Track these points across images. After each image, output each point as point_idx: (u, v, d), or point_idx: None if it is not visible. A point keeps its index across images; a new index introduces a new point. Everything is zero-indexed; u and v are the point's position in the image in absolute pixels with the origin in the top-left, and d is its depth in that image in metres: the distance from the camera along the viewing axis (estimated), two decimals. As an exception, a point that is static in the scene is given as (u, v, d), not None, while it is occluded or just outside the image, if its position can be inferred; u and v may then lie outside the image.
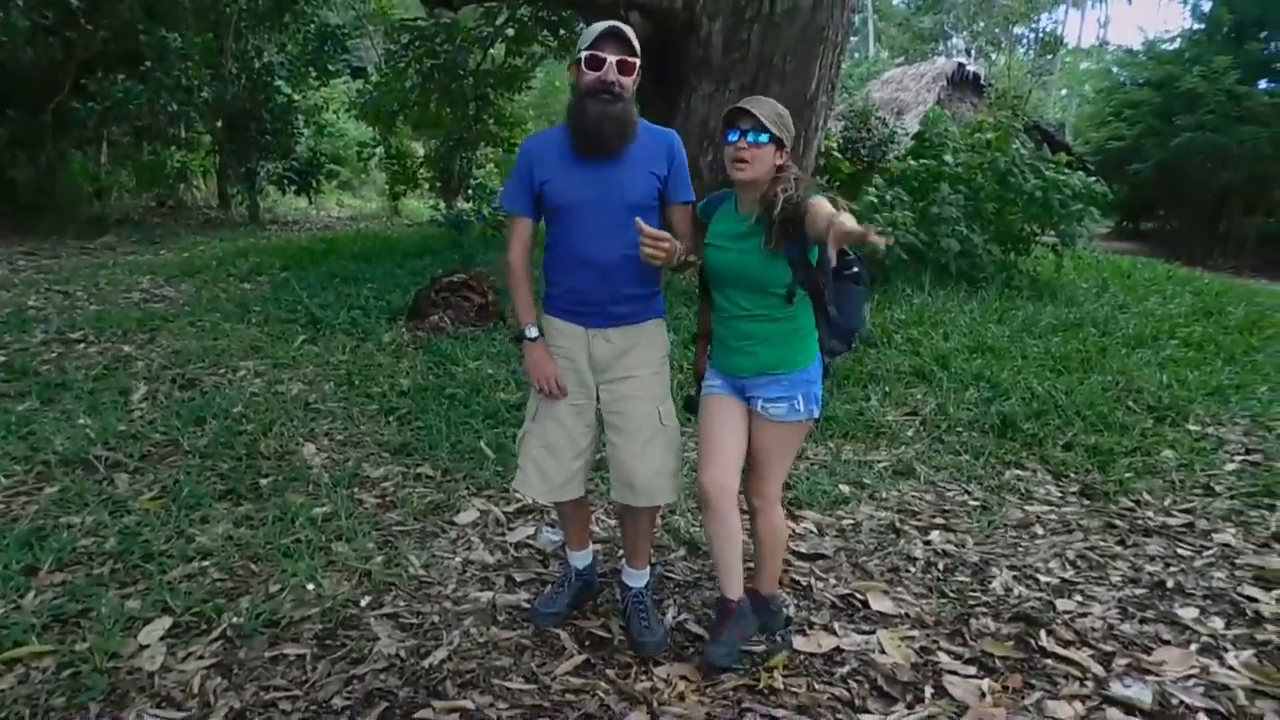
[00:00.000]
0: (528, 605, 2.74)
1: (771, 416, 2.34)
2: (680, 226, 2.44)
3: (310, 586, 2.79)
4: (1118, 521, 3.48)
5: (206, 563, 2.91)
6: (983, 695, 2.31)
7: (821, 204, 2.07)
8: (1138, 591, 2.92)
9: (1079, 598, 2.86)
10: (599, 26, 2.25)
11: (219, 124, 13.79)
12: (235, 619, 2.58)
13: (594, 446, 2.52)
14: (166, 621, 2.55)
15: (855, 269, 2.38)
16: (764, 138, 2.20)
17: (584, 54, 2.24)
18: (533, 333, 2.43)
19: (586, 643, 2.58)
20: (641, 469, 2.42)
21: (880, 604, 2.80)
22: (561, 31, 11.14)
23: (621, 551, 3.04)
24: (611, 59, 2.22)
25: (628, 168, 2.32)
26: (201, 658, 2.41)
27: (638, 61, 2.27)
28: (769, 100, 2.28)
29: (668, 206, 2.43)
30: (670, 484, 2.46)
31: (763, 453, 2.40)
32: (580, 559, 2.75)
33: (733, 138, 2.23)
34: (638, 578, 2.65)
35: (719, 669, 2.39)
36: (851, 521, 3.44)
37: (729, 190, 2.42)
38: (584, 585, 2.76)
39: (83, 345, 5.33)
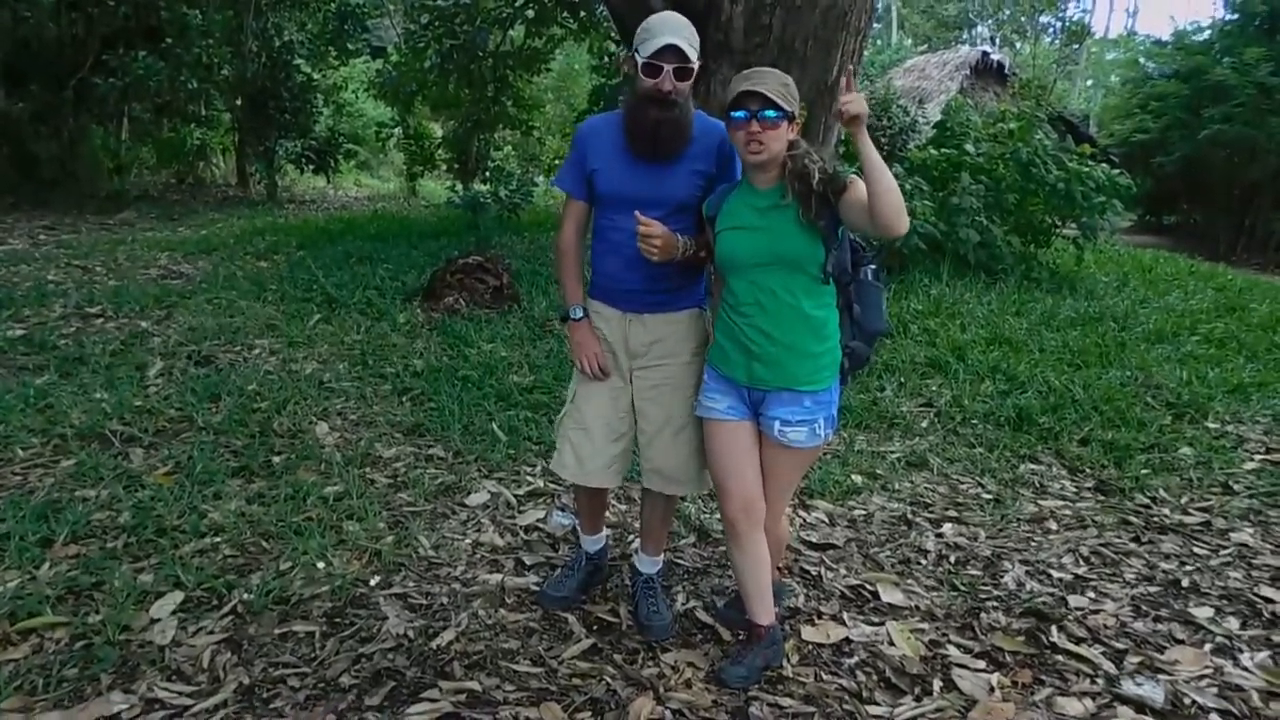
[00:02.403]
0: (536, 588, 2.75)
1: (790, 442, 2.19)
2: None
3: (320, 565, 2.81)
4: (1133, 518, 3.44)
5: (219, 539, 2.93)
6: (992, 690, 2.30)
7: (860, 185, 1.99)
8: (1152, 589, 2.89)
9: (1092, 594, 2.83)
10: (658, 35, 2.17)
11: (239, 102, 13.80)
12: (246, 595, 2.60)
13: (632, 433, 2.49)
14: (178, 596, 2.57)
15: (873, 265, 2.27)
16: (776, 114, 2.06)
17: (641, 60, 2.18)
18: (577, 313, 2.42)
19: (595, 627, 2.58)
20: (671, 459, 2.42)
21: (890, 595, 2.78)
22: (581, 13, 11.06)
23: (632, 537, 3.04)
24: (669, 68, 2.17)
25: (677, 167, 2.30)
26: (212, 633, 2.43)
27: (695, 65, 2.22)
28: (772, 72, 2.12)
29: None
30: (700, 475, 2.47)
31: (773, 475, 2.28)
32: (593, 543, 2.75)
33: (741, 117, 2.07)
34: (650, 564, 2.65)
35: (734, 689, 2.28)
36: (863, 512, 3.43)
37: (733, 183, 2.30)
38: (594, 570, 2.76)
39: (101, 320, 5.37)
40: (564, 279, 2.49)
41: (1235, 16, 16.88)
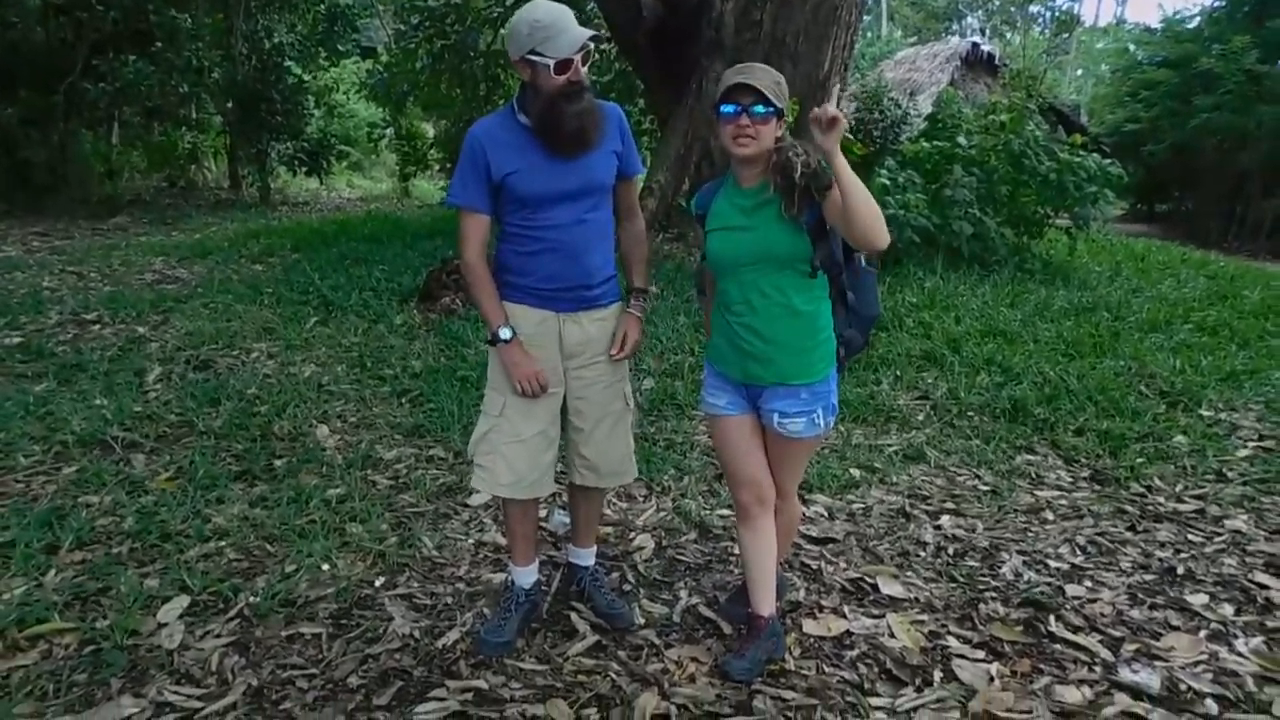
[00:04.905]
0: (544, 588, 2.75)
1: (790, 433, 2.23)
2: (627, 199, 2.46)
3: (325, 567, 2.83)
4: (1128, 507, 3.48)
5: (223, 543, 2.95)
6: (991, 679, 2.33)
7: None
8: (1148, 577, 2.92)
9: (1089, 583, 2.87)
10: (567, 31, 2.12)
11: (230, 105, 13.77)
12: (252, 598, 2.62)
13: (559, 436, 2.46)
14: (185, 600, 2.59)
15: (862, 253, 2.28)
16: (766, 110, 2.07)
17: (551, 61, 2.11)
18: (507, 333, 2.28)
19: (598, 625, 2.60)
20: (611, 452, 2.46)
21: (890, 588, 2.81)
22: (573, 12, 11.08)
23: (634, 535, 3.06)
24: (577, 57, 2.14)
25: (597, 151, 2.28)
26: (219, 636, 2.46)
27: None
28: (765, 68, 2.13)
29: (621, 181, 2.40)
30: (634, 463, 2.56)
31: (778, 464, 2.34)
32: (527, 575, 2.57)
33: (731, 111, 2.08)
34: (588, 556, 2.69)
35: (738, 682, 2.30)
36: (862, 505, 3.45)
37: (719, 179, 2.33)
38: (531, 607, 2.58)
39: (97, 326, 5.37)
40: (484, 301, 2.32)
41: (1223, 4, 16.93)
